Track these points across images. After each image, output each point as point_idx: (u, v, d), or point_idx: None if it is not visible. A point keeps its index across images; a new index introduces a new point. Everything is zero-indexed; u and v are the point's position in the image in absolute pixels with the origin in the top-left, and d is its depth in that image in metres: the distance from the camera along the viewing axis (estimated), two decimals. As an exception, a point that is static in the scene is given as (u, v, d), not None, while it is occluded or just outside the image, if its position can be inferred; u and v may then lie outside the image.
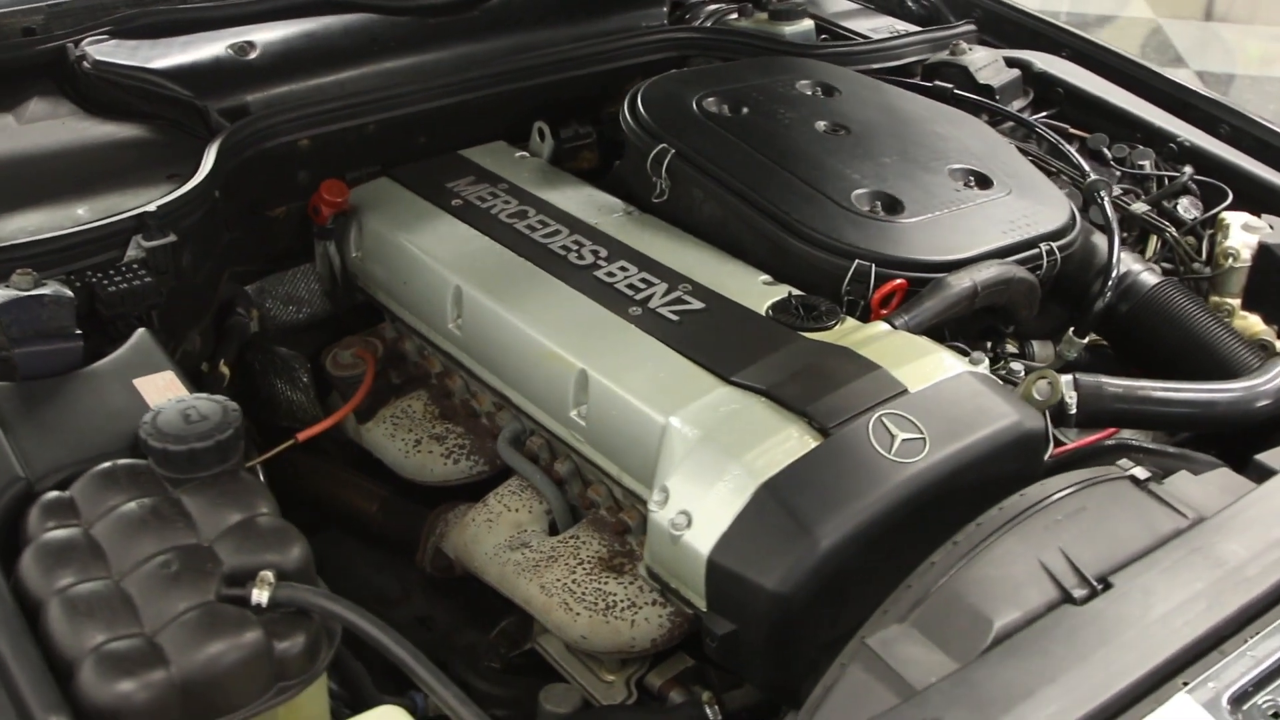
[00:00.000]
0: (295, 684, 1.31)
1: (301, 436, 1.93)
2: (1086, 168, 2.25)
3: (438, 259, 1.99)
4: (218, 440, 1.41)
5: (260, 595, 1.29)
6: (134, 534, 1.35)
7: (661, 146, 2.05)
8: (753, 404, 1.57)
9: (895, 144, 2.13)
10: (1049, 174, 2.31)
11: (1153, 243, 2.31)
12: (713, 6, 2.87)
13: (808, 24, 2.75)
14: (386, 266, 2.11)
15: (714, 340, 1.71)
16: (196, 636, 1.25)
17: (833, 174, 2.01)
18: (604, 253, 1.93)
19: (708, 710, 1.55)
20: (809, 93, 2.30)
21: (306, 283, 2.36)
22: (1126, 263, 2.08)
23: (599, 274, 1.88)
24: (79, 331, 1.63)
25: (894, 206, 1.96)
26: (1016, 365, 1.83)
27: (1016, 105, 2.58)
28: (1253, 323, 2.14)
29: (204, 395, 1.47)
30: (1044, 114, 2.57)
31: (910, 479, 1.46)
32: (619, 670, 1.75)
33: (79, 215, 1.87)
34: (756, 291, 1.83)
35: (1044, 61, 2.65)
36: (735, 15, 2.79)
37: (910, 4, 2.99)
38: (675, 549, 1.49)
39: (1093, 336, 2.14)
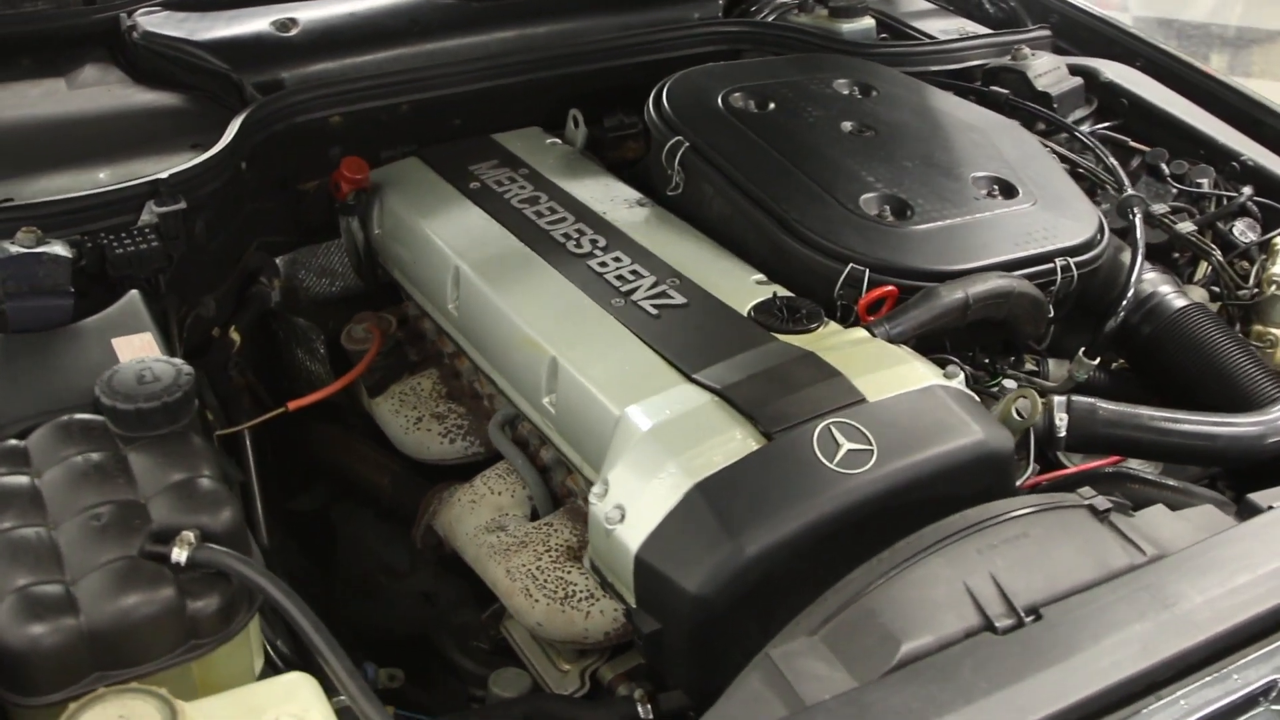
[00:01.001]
0: (208, 643, 1.34)
1: (293, 405, 1.97)
2: (1126, 182, 2.14)
3: (444, 240, 2.01)
4: (165, 402, 1.44)
5: (180, 554, 1.32)
6: (75, 486, 1.40)
7: (676, 139, 2.04)
8: (705, 403, 1.54)
9: (921, 148, 2.07)
10: (1096, 187, 2.22)
11: (1203, 266, 2.19)
12: (778, 0, 2.84)
13: (868, 22, 2.69)
14: (402, 244, 2.14)
15: (686, 337, 1.68)
16: (111, 588, 1.29)
17: (846, 175, 1.96)
18: (602, 243, 1.92)
19: (639, 707, 1.53)
20: (845, 92, 2.25)
21: (340, 256, 2.42)
22: (1155, 284, 1.98)
23: (592, 263, 1.87)
24: (71, 290, 1.69)
25: (903, 211, 1.90)
26: (1010, 382, 1.76)
27: (1077, 114, 2.49)
28: (1295, 355, 2.02)
29: (164, 358, 1.52)
30: (1106, 125, 2.47)
31: (850, 490, 1.42)
32: (576, 660, 1.75)
33: (99, 179, 1.94)
34: (746, 290, 1.80)
35: (1112, 71, 2.54)
36: (797, 11, 2.75)
37: (988, 7, 2.90)
38: (609, 542, 1.48)
39: (1120, 362, 2.05)
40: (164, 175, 1.88)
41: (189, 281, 1.98)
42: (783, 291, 1.78)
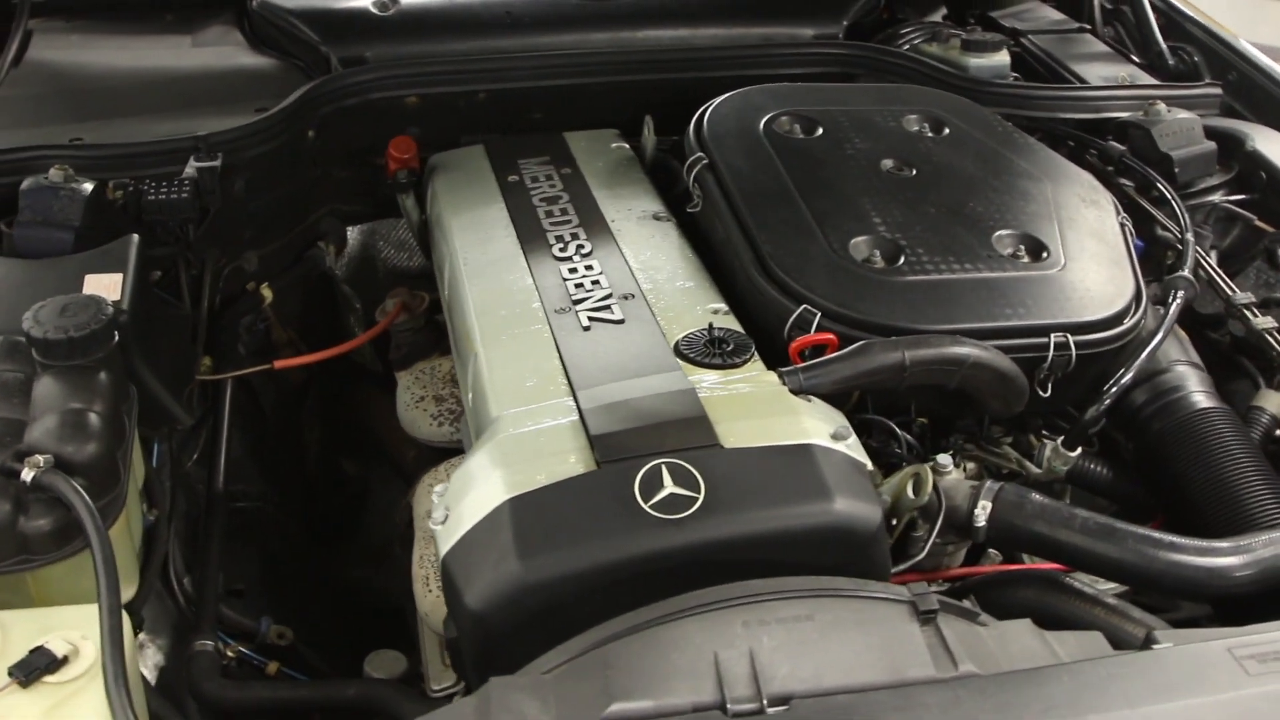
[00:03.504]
0: (39, 560, 1.44)
1: (278, 364, 2.07)
2: (1189, 260, 1.89)
3: (455, 226, 2.04)
4: (70, 336, 1.56)
5: (27, 474, 1.43)
6: (-21, 399, 1.54)
7: (697, 155, 1.98)
8: (565, 421, 1.50)
9: (957, 195, 1.92)
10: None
11: (1292, 370, 1.91)
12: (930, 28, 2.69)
13: (1001, 59, 2.50)
14: (436, 225, 2.19)
15: (599, 354, 1.64)
16: (-45, 493, 1.42)
17: (851, 214, 1.85)
18: (587, 249, 1.90)
19: (460, 711, 1.51)
20: (913, 128, 2.11)
21: (417, 232, 2.50)
22: (1181, 378, 1.75)
23: (564, 268, 1.85)
24: (76, 224, 1.85)
25: (894, 259, 1.77)
26: (943, 457, 1.59)
27: (1209, 181, 2.22)
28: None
29: (96, 296, 1.63)
30: (1235, 198, 2.19)
31: (656, 536, 1.34)
32: (461, 658, 1.75)
33: (159, 131, 2.10)
34: (693, 317, 1.72)
35: (1263, 140, 2.25)
36: (930, 40, 2.59)
37: (1169, 58, 2.62)
38: (433, 542, 1.47)
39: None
40: (203, 133, 2.02)
41: (229, 235, 2.12)
42: (726, 323, 1.70)
